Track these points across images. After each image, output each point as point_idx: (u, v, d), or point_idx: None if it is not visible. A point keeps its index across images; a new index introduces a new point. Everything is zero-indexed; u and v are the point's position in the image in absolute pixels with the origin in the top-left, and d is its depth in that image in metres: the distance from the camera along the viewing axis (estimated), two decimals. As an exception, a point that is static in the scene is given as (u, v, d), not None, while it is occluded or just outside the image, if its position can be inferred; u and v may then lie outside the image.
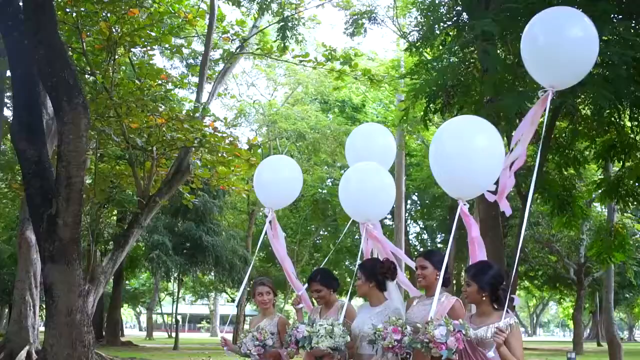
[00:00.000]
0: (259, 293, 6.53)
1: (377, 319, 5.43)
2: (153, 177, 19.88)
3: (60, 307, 13.44)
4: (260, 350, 6.00)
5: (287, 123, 32.18)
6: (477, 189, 5.37)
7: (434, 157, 5.33)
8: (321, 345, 5.36)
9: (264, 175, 7.15)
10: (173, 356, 26.84)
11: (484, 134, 5.14)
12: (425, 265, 5.44)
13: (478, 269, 4.95)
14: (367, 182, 6.42)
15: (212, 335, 62.62)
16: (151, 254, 28.25)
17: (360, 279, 5.73)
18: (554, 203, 14.98)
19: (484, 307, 4.85)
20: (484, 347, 4.69)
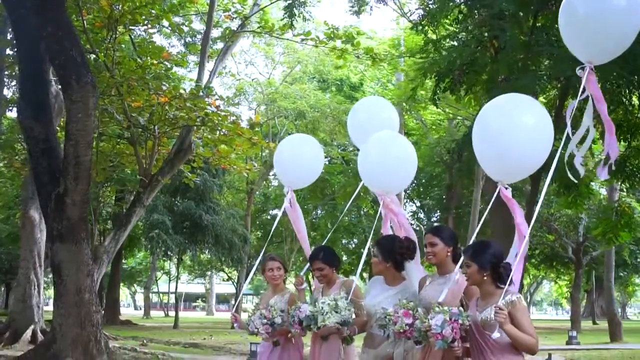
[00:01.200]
0: (269, 268, 6.40)
1: (394, 301, 5.12)
2: (155, 156, 19.80)
3: (69, 287, 13.42)
4: (269, 328, 5.89)
5: (287, 102, 32.11)
6: (523, 172, 5.14)
7: (478, 136, 5.07)
8: (328, 322, 5.22)
9: (285, 153, 7.03)
10: (174, 335, 26.85)
11: (534, 112, 4.89)
12: (435, 242, 5.17)
13: (476, 248, 4.71)
14: (388, 151, 6.17)
15: (208, 314, 62.72)
16: (151, 233, 28.16)
17: (377, 257, 5.54)
18: (560, 182, 15.00)
19: (486, 288, 4.63)
20: (490, 330, 4.46)
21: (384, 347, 5.26)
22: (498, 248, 4.70)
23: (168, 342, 22.43)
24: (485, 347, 4.49)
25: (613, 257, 28.60)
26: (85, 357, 13.37)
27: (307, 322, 5.44)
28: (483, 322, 4.50)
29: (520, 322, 4.37)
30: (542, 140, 4.84)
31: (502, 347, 4.43)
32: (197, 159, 21.22)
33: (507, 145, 4.77)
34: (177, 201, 29.97)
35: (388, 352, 5.23)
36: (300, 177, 7.07)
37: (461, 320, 4.37)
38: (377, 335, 5.27)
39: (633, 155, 14.51)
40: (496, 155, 4.91)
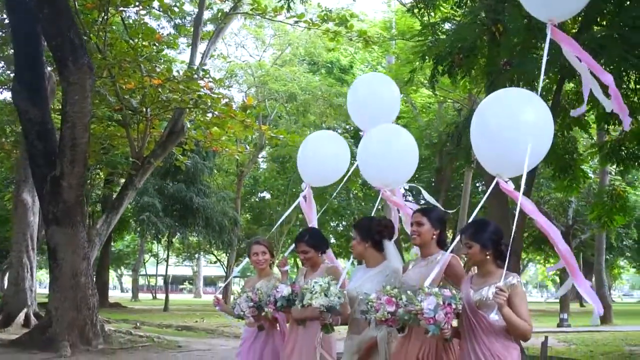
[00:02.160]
0: (254, 253, 6.19)
1: (375, 279, 5.05)
2: (147, 139, 19.71)
3: (64, 270, 13.41)
4: (255, 311, 5.65)
5: (278, 84, 31.96)
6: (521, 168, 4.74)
7: (476, 131, 4.82)
8: (314, 303, 4.94)
9: (309, 150, 6.74)
10: (165, 317, 26.87)
11: (534, 108, 4.65)
12: (422, 221, 4.92)
13: (476, 227, 4.50)
14: (389, 145, 5.93)
15: (196, 297, 62.80)
16: (141, 215, 28.05)
17: (355, 239, 5.31)
18: (555, 166, 15.05)
19: (487, 267, 4.43)
20: (486, 309, 4.28)
21: (367, 331, 5.06)
22: (497, 226, 4.53)
23: (160, 325, 22.43)
24: (477, 328, 4.31)
25: (604, 241, 28.83)
26: (82, 341, 13.38)
27: (282, 303, 5.30)
28: (479, 301, 4.32)
29: (518, 306, 4.18)
30: (542, 137, 4.62)
31: (496, 330, 4.25)
32: (189, 142, 21.16)
33: (506, 142, 4.56)
34: (167, 184, 29.84)
35: (371, 336, 5.03)
36: (322, 176, 6.78)
37: (454, 304, 4.11)
38: (361, 320, 5.04)
39: (628, 139, 14.57)
40: (494, 151, 4.68)
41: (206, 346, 15.39)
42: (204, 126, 20.66)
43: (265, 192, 42.74)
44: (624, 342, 17.82)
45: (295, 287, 5.34)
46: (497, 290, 4.06)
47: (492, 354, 4.22)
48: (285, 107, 34.94)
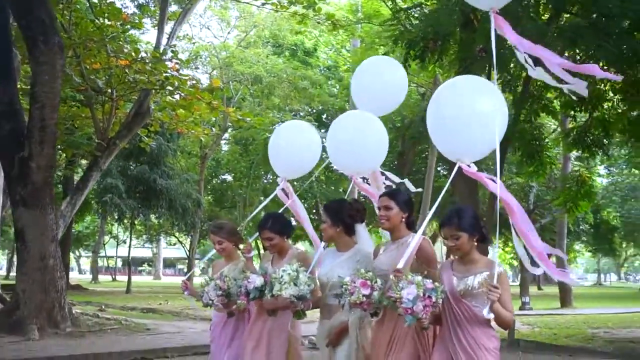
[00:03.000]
0: (212, 241, 6.07)
1: (346, 265, 4.97)
2: (112, 120, 19.47)
3: (33, 252, 13.26)
4: (224, 299, 5.54)
5: (243, 66, 31.79)
6: (477, 154, 4.76)
7: (432, 119, 4.80)
8: (284, 293, 4.84)
9: (281, 142, 6.53)
10: (128, 300, 26.71)
11: (487, 96, 4.64)
12: (390, 205, 4.86)
13: (459, 216, 4.33)
14: (359, 133, 5.88)
15: (156, 279, 62.48)
16: (104, 197, 27.80)
17: (326, 222, 5.18)
18: (523, 152, 15.30)
19: (470, 255, 4.33)
20: (471, 298, 4.22)
21: (338, 316, 4.97)
22: (473, 209, 4.53)
23: (124, 307, 22.29)
24: (461, 317, 4.22)
25: (566, 226, 29.33)
26: (50, 324, 13.26)
27: (254, 294, 5.15)
28: (463, 290, 4.23)
29: (503, 297, 4.07)
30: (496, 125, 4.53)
31: (479, 319, 4.17)
32: (155, 123, 20.96)
33: (461, 130, 4.54)
34: (130, 165, 29.58)
35: (343, 320, 4.93)
36: (297, 167, 6.55)
37: (435, 297, 3.99)
38: (332, 305, 4.99)
39: (594, 125, 14.85)
40: (450, 139, 4.68)
41: (174, 329, 15.36)
42: (170, 108, 20.47)
43: (228, 174, 42.61)
44: (586, 325, 18.23)
45: (267, 277, 5.20)
46: (490, 288, 3.99)
47: (476, 343, 4.17)
48: (250, 90, 34.79)
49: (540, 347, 13.44)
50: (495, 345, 4.23)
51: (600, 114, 14.86)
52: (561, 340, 14.48)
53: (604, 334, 16.00)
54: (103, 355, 10.98)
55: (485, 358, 4.15)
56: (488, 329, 4.22)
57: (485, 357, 4.15)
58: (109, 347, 11.82)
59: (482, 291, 4.13)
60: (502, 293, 4.04)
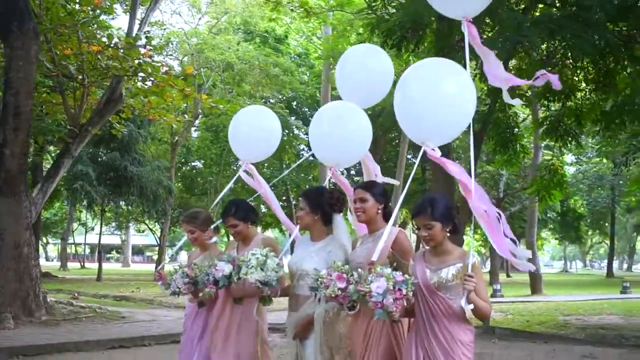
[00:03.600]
0: (184, 230, 6.02)
1: (317, 255, 4.85)
2: (84, 106, 19.26)
3: (7, 240, 13.16)
4: (191, 287, 5.41)
5: (215, 53, 31.59)
6: (444, 138, 4.70)
7: (398, 101, 4.69)
8: (250, 278, 4.66)
9: (242, 127, 6.47)
10: (99, 287, 26.57)
11: (454, 78, 4.57)
12: (366, 197, 4.75)
13: (432, 205, 4.18)
14: (340, 124, 5.74)
15: (124, 266, 62.06)
16: (75, 184, 27.50)
17: (304, 210, 5.02)
18: (497, 141, 15.47)
19: (443, 246, 4.19)
20: (445, 291, 4.09)
21: (304, 309, 4.84)
22: (447, 197, 4.37)
23: (95, 295, 22.19)
24: (436, 310, 4.10)
25: (536, 214, 29.71)
26: (24, 312, 13.18)
27: (223, 282, 4.96)
28: (437, 283, 4.10)
29: (477, 286, 3.95)
30: (463, 107, 4.54)
31: (455, 311, 4.05)
32: (127, 110, 20.76)
33: (427, 112, 4.49)
34: (101, 152, 29.29)
35: (308, 313, 4.81)
36: (258, 152, 6.54)
37: (405, 290, 3.84)
38: (300, 295, 4.89)
39: (567, 115, 15.06)
40: (416, 121, 4.61)
41: (149, 317, 15.34)
42: (142, 94, 20.31)
43: (198, 161, 42.42)
44: (558, 312, 18.50)
45: (235, 263, 5.02)
46: (466, 278, 3.89)
47: (452, 337, 4.05)
48: (220, 76, 34.60)
49: (515, 334, 13.63)
50: (470, 339, 4.12)
51: (573, 104, 15.09)
52: (534, 327, 14.70)
53: (575, 321, 16.28)
54: (81, 343, 10.92)
55: (461, 351, 4.05)
56: (463, 323, 4.09)
57: (460, 350, 4.05)
58: (87, 335, 11.80)
59: (457, 283, 4.04)
60: (477, 282, 3.93)
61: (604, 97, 14.76)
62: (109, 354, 10.55)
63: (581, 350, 11.69)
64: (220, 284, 4.99)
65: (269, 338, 5.56)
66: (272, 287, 4.75)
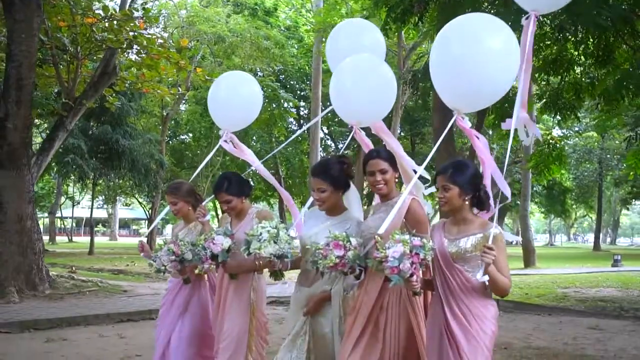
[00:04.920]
0: (168, 202, 5.86)
1: (336, 230, 4.38)
2: (78, 79, 19.09)
3: (10, 214, 13.09)
4: (177, 265, 5.24)
5: (207, 25, 31.31)
6: (483, 101, 4.53)
7: (436, 59, 4.42)
8: (263, 252, 4.46)
9: (221, 94, 6.21)
10: (92, 261, 26.53)
11: (500, 35, 4.22)
12: (386, 168, 4.45)
13: (455, 168, 3.99)
14: (363, 77, 5.30)
15: (112, 240, 62.00)
16: (66, 157, 27.29)
17: (327, 191, 4.61)
18: (496, 114, 15.48)
19: (463, 214, 3.98)
20: (463, 263, 3.88)
21: (320, 284, 4.58)
22: (477, 169, 4.08)
23: (91, 268, 22.18)
24: (453, 283, 3.88)
25: (529, 188, 29.90)
26: (28, 286, 13.16)
27: (224, 257, 4.85)
28: (455, 254, 3.90)
29: (498, 260, 3.69)
30: (507, 67, 4.23)
31: (474, 285, 3.83)
32: (120, 83, 20.60)
33: (468, 71, 4.18)
34: (92, 125, 29.05)
35: (325, 289, 4.56)
36: (239, 119, 6.27)
37: (423, 254, 3.67)
38: (312, 271, 4.56)
39: (566, 89, 15.10)
40: (455, 81, 4.31)
41: (151, 290, 15.34)
42: (136, 67, 20.14)
43: (187, 134, 42.25)
44: (555, 285, 18.71)
45: (233, 237, 4.97)
46: (485, 250, 3.63)
47: (471, 312, 3.83)
48: (210, 49, 34.33)
49: (519, 306, 13.77)
50: (492, 314, 3.88)
51: (572, 78, 15.13)
52: (535, 300, 14.85)
53: (574, 293, 16.47)
54: (90, 317, 10.95)
55: (479, 327, 3.80)
56: (483, 297, 3.86)
57: (479, 325, 3.81)
58: (95, 309, 11.80)
59: (476, 254, 3.81)
60: (498, 256, 3.65)
61: (603, 71, 14.80)
62: (118, 327, 10.55)
63: (587, 322, 11.84)
64: (220, 259, 4.88)
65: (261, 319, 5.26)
66: (286, 260, 4.60)
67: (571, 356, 8.68)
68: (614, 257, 29.77)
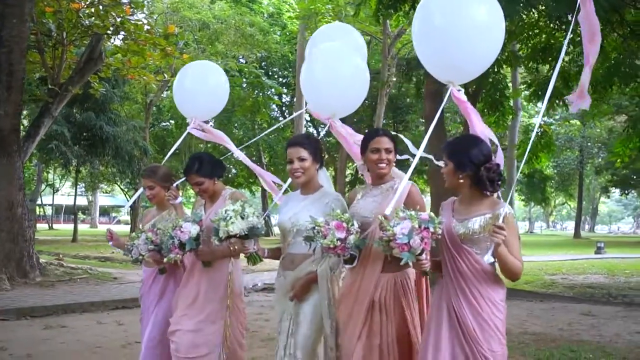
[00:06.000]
0: (143, 186, 5.56)
1: (314, 206, 4.40)
2: (63, 65, 18.92)
3: (1, 201, 13.00)
4: (156, 255, 5.04)
5: (192, 12, 31.12)
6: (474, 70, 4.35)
7: (420, 31, 4.27)
8: (231, 229, 4.26)
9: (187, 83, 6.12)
10: (77, 248, 26.38)
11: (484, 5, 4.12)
12: (391, 148, 4.35)
13: (456, 144, 3.92)
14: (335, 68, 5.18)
15: (92, 227, 61.57)
16: (49, 144, 27.01)
17: (307, 159, 4.49)
18: (485, 102, 15.57)
19: (468, 193, 3.82)
20: (471, 244, 3.71)
21: (305, 266, 4.37)
22: (483, 146, 3.84)
23: (76, 256, 22.08)
24: (463, 267, 3.72)
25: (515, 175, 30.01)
26: (19, 273, 13.11)
27: (191, 245, 4.66)
28: (464, 235, 3.72)
29: (509, 241, 3.55)
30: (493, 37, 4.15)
31: (484, 268, 3.68)
32: (106, 69, 20.44)
33: (455, 40, 4.06)
34: (76, 112, 28.77)
35: (310, 270, 4.33)
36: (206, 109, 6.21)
37: (432, 227, 3.51)
38: (296, 254, 4.43)
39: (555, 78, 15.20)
40: (443, 52, 4.17)
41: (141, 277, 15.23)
42: (122, 53, 19.99)
43: (168, 121, 42.01)
44: (542, 272, 18.89)
45: (202, 224, 4.79)
46: (494, 229, 3.47)
47: (481, 295, 3.68)
48: (194, 36, 34.13)
49: (510, 293, 13.72)
50: (501, 298, 3.73)
51: (561, 67, 15.21)
52: (524, 287, 14.99)
53: (562, 280, 16.67)
54: (86, 304, 10.94)
55: (491, 310, 3.66)
56: (493, 280, 3.71)
57: (490, 309, 3.66)
58: (89, 296, 11.79)
59: (484, 235, 3.65)
60: (509, 237, 3.51)
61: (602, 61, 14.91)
62: (114, 315, 10.54)
63: (579, 308, 11.98)
64: (187, 248, 4.70)
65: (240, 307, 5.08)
66: (258, 235, 4.41)
67: (568, 341, 8.78)
68: (597, 244, 30.10)
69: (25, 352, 7.68)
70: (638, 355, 8.01)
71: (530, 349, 8.17)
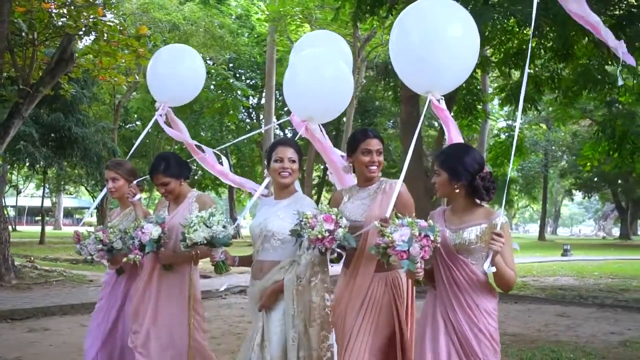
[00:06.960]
0: (106, 179, 5.42)
1: (285, 213, 4.32)
2: (34, 65, 18.73)
3: (-25, 203, 12.79)
4: (105, 255, 4.96)
5: (161, 13, 30.95)
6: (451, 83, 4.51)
7: (395, 47, 4.42)
8: (194, 236, 4.17)
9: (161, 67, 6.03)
10: (46, 251, 26.13)
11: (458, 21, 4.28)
12: (382, 149, 4.44)
13: (449, 153, 3.89)
14: (320, 72, 5.27)
15: (56, 229, 60.91)
16: (17, 145, 26.66)
17: (296, 162, 4.47)
18: (459, 105, 15.81)
19: (462, 203, 3.82)
20: (467, 254, 3.73)
21: (271, 275, 4.27)
22: (477, 155, 3.86)
23: (46, 258, 21.88)
24: (459, 278, 3.74)
25: (497, 178, 30.40)
26: (-6, 276, 12.95)
27: (151, 247, 4.61)
28: (459, 245, 3.72)
29: (504, 252, 3.58)
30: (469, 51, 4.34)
31: (479, 278, 3.72)
32: (76, 70, 20.27)
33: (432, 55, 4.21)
34: (43, 112, 28.43)
35: (276, 280, 4.23)
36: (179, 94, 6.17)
37: (432, 236, 3.48)
38: (265, 261, 4.35)
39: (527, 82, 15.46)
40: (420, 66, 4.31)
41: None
42: (93, 54, 19.83)
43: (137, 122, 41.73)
44: (513, 273, 19.10)
45: (164, 226, 4.75)
46: (494, 237, 3.48)
47: (477, 306, 3.72)
48: (162, 37, 33.93)
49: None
50: (494, 307, 3.81)
51: (532, 72, 15.51)
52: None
53: (533, 282, 16.94)
54: (67, 307, 10.92)
55: (486, 321, 3.72)
56: (487, 289, 3.78)
57: (485, 320, 3.72)
58: (68, 299, 11.76)
59: (480, 245, 3.69)
60: (503, 247, 3.51)
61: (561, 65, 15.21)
62: (94, 317, 10.50)
63: (553, 310, 12.23)
64: (147, 249, 4.64)
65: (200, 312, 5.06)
66: (223, 245, 4.31)
67: (547, 342, 8.99)
68: (564, 246, 30.58)
69: (14, 355, 7.66)
70: (616, 355, 8.23)
71: (512, 349, 8.35)
